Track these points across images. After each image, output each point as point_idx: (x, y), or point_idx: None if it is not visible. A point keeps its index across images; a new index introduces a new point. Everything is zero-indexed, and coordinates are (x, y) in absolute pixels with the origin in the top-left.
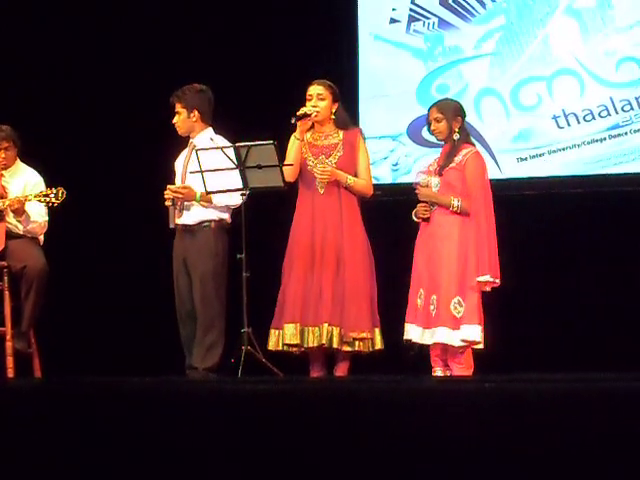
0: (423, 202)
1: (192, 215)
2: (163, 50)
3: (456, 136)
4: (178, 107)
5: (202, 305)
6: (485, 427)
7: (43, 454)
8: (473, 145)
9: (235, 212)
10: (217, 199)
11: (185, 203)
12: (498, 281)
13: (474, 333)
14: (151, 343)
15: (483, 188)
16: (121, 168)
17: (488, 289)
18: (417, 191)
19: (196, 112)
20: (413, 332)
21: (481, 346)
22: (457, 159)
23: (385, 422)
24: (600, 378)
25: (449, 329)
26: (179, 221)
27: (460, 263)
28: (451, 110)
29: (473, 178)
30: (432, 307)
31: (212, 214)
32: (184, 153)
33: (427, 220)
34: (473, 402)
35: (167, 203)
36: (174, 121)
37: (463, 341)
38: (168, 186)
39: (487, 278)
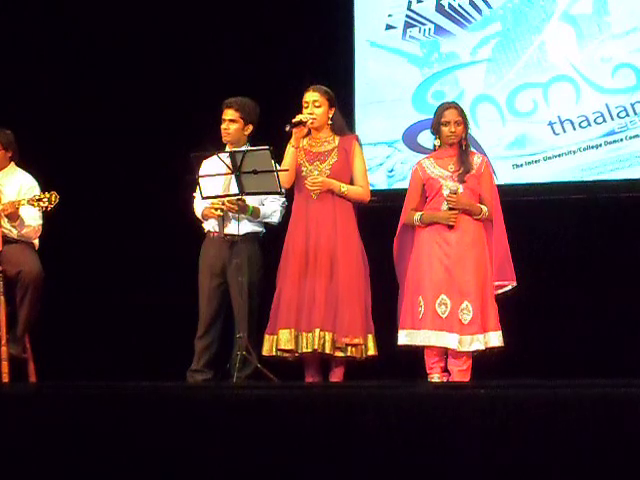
0: (452, 209)
1: (241, 226)
2: (159, 55)
3: (464, 141)
4: (235, 115)
5: (248, 314)
6: (480, 432)
7: (38, 458)
8: (477, 152)
9: None
10: (265, 214)
11: (233, 215)
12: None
13: (499, 339)
14: (147, 347)
15: (497, 196)
16: (116, 172)
17: (506, 293)
18: (452, 198)
19: (251, 127)
20: (441, 339)
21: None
22: (475, 165)
23: (381, 427)
24: (596, 384)
25: (483, 335)
26: (226, 231)
27: (485, 270)
28: (465, 115)
29: (490, 186)
30: (464, 314)
31: (258, 227)
32: (215, 159)
33: (452, 227)
34: (469, 408)
35: (218, 213)
36: (225, 127)
37: (489, 347)
38: (226, 197)
39: (513, 284)
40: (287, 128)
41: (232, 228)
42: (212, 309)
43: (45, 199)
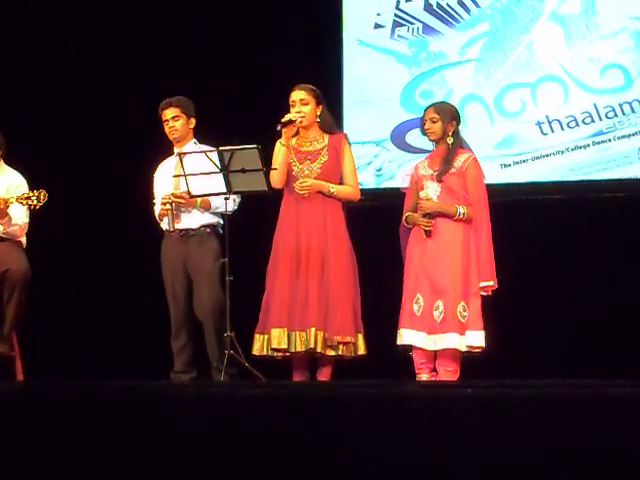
0: (426, 214)
1: (193, 219)
2: (146, 55)
3: (450, 140)
4: (176, 111)
5: (214, 306)
6: (468, 431)
7: (25, 457)
8: (470, 151)
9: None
10: (215, 204)
11: (183, 208)
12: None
13: (479, 339)
14: (134, 346)
15: (484, 195)
16: (104, 171)
17: (486, 293)
18: (423, 205)
19: (193, 120)
20: (414, 337)
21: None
22: (457, 164)
23: (369, 426)
24: (585, 384)
25: (458, 335)
26: (178, 226)
27: (464, 269)
28: (447, 113)
29: (475, 185)
30: (437, 313)
31: (211, 218)
32: (171, 160)
33: (429, 234)
34: (456, 407)
35: (166, 207)
36: (171, 125)
37: (468, 347)
38: (171, 192)
39: (492, 283)
40: (278, 127)
41: (186, 222)
42: (180, 308)
43: (34, 197)
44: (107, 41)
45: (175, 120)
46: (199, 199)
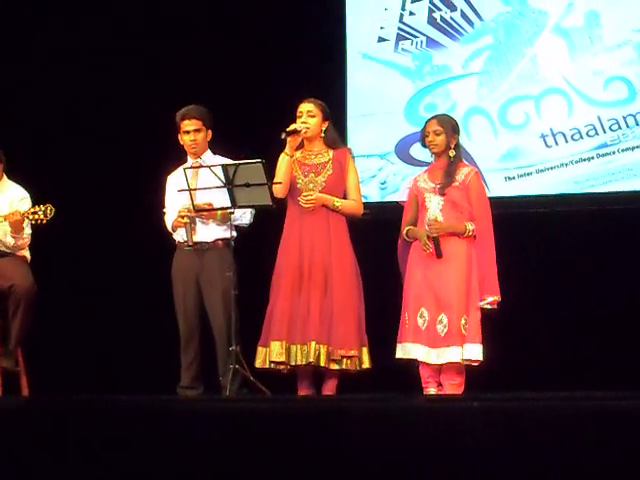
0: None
1: (209, 233)
2: (154, 67)
3: (452, 153)
4: (199, 124)
5: (224, 321)
6: (474, 445)
7: (30, 472)
8: (469, 164)
9: None
10: (235, 216)
11: (200, 221)
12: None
13: (477, 352)
14: (140, 361)
15: (487, 209)
16: (109, 184)
17: (491, 307)
18: (433, 227)
19: (210, 133)
20: (416, 351)
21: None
22: (459, 178)
23: (375, 440)
24: (591, 397)
25: (461, 348)
26: (195, 239)
27: (467, 282)
28: (450, 126)
29: (478, 199)
30: (441, 327)
31: (226, 232)
32: (184, 171)
33: (440, 256)
34: (462, 421)
35: (184, 221)
36: (193, 139)
37: (466, 360)
38: (195, 204)
39: (496, 298)
40: (283, 136)
41: (201, 235)
42: (189, 322)
43: (40, 212)
44: (114, 50)
45: (197, 133)
46: (220, 212)
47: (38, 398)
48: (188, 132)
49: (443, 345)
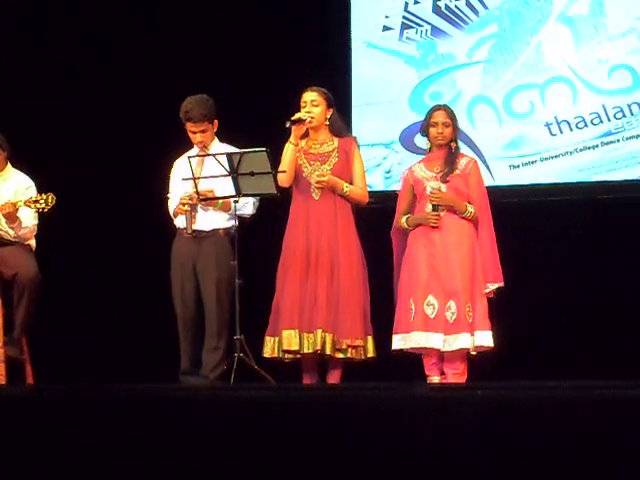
0: (433, 209)
1: (208, 221)
2: (159, 53)
3: (454, 144)
4: (203, 125)
5: (217, 311)
6: (478, 433)
7: (35, 460)
8: (466, 155)
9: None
10: (237, 207)
11: (201, 208)
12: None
13: (488, 338)
14: (144, 349)
15: (486, 197)
16: (112, 173)
17: (490, 294)
18: (435, 194)
19: (216, 122)
20: (430, 340)
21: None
22: (460, 166)
23: (379, 429)
24: (595, 386)
25: (470, 335)
26: (194, 227)
27: (472, 269)
28: (455, 118)
29: (478, 187)
30: (449, 314)
31: (226, 222)
32: (189, 159)
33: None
34: (466, 409)
35: (185, 208)
36: (201, 139)
37: (478, 347)
38: (192, 191)
39: (500, 284)
40: (287, 124)
41: (200, 224)
42: (187, 308)
43: (42, 201)
44: (117, 42)
45: (203, 133)
46: (220, 200)
47: (43, 386)
48: (194, 132)
49: (454, 332)
